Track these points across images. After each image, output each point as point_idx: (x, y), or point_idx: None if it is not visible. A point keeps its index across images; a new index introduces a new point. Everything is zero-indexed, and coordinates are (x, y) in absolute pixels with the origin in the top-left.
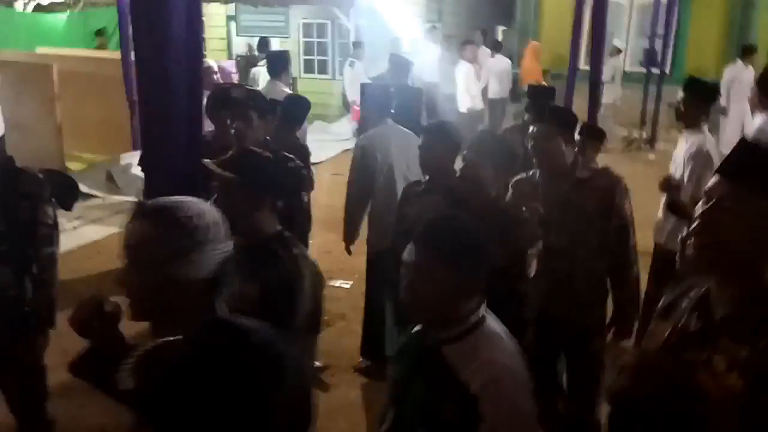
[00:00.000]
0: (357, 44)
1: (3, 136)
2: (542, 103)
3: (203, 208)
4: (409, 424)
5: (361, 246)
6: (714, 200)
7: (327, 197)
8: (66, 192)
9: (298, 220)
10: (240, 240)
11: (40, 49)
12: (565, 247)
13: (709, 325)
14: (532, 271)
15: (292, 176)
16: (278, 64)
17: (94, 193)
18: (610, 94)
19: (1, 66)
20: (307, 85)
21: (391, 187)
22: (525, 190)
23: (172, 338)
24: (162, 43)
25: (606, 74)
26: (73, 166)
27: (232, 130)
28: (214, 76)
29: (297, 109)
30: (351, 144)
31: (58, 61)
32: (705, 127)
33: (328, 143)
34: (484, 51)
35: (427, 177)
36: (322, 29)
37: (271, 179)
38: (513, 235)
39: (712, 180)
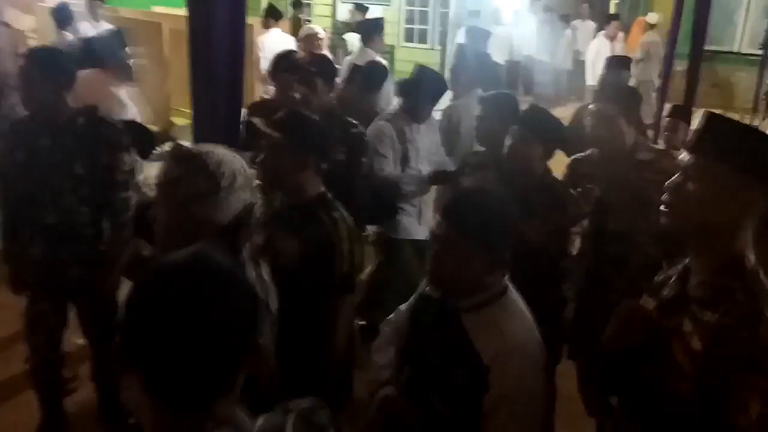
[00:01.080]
0: (473, 13)
1: None
2: (615, 76)
3: (229, 158)
4: (423, 384)
5: None
6: (682, 175)
7: None
8: (144, 141)
9: (359, 185)
10: (284, 198)
11: (155, 8)
12: (621, 231)
13: (682, 293)
14: (575, 249)
15: (351, 141)
16: (371, 31)
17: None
18: (646, 72)
19: (117, 22)
20: (407, 54)
21: None
22: (583, 171)
23: None
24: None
25: (640, 51)
26: (179, 121)
27: (297, 95)
28: (319, 43)
29: (372, 76)
30: None
31: (169, 19)
32: None
33: None
34: (590, 25)
35: (483, 149)
36: (424, 16)
37: (315, 141)
38: (557, 213)
39: (683, 156)
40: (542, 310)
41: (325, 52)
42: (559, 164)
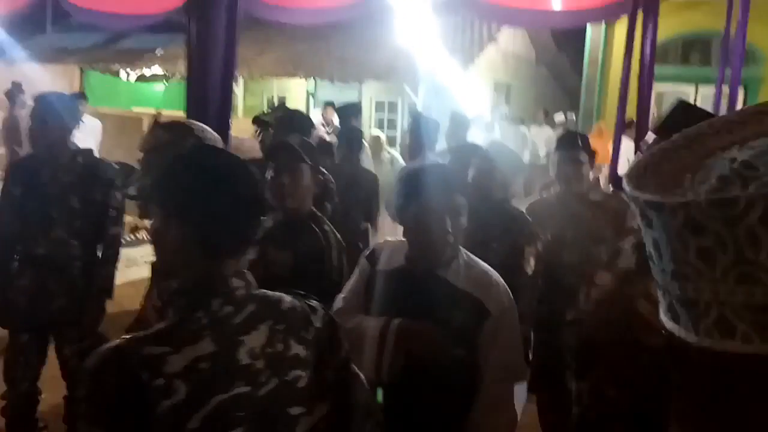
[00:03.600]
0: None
1: None
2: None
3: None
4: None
5: None
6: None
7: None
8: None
9: None
10: (279, 215)
11: (135, 109)
12: (575, 264)
13: (641, 260)
14: (530, 268)
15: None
16: (350, 113)
17: None
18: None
19: (102, 117)
20: None
21: None
22: (541, 213)
23: None
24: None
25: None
26: None
27: None
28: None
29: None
30: None
31: (148, 118)
32: None
33: None
34: (547, 131)
35: None
36: (393, 106)
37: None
38: (513, 234)
39: (650, 138)
40: None
41: None
42: None
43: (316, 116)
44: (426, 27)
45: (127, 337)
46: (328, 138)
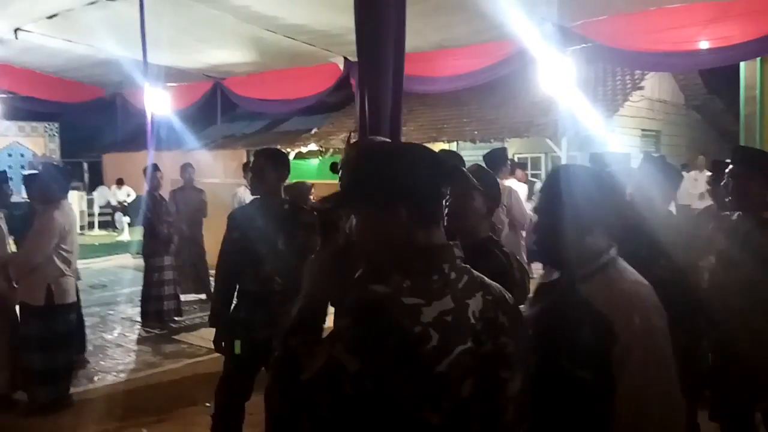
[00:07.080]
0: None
1: None
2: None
3: None
4: (555, 356)
5: None
6: None
7: None
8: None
9: None
10: (461, 240)
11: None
12: (742, 284)
13: None
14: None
15: None
16: (495, 160)
17: None
18: None
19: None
20: None
21: None
22: (711, 225)
23: None
24: None
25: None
26: None
27: None
28: None
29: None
30: None
31: None
32: None
33: None
34: (705, 174)
35: None
36: (536, 162)
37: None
38: (684, 248)
39: None
40: (677, 341)
41: None
42: None
43: None
44: (566, 79)
45: (382, 287)
46: None
